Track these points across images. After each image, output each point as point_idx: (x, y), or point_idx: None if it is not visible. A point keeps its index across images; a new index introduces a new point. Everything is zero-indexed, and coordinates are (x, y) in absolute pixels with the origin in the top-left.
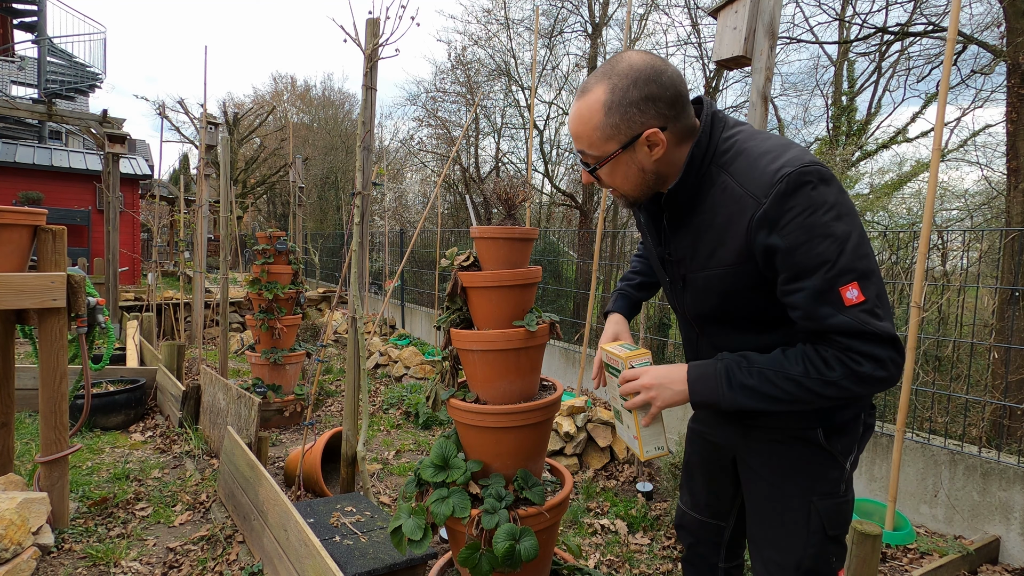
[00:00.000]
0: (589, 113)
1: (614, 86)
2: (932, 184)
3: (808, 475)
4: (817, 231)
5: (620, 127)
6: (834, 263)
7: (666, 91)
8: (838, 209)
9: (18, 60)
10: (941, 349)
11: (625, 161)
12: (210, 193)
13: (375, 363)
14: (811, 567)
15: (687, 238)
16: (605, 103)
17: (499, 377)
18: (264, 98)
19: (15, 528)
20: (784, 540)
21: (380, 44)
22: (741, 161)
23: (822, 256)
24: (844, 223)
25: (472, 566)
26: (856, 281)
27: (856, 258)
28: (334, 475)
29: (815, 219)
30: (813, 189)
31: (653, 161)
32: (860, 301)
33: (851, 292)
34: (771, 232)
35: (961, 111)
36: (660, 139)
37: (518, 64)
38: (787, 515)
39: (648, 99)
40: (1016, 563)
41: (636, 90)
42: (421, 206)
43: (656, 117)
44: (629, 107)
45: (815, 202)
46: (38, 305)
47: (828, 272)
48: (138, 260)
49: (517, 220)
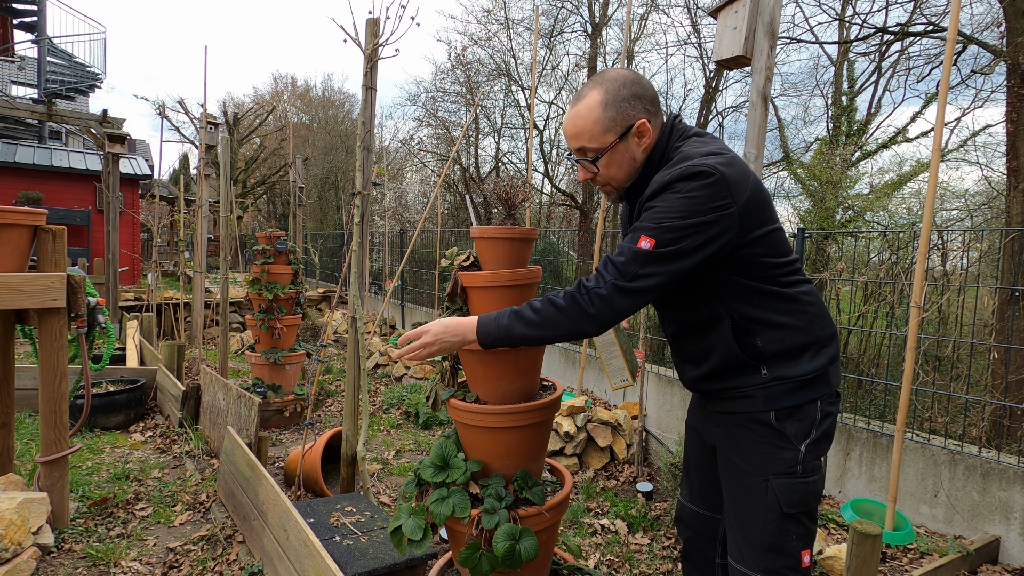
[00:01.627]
0: (588, 111)
1: (607, 88)
2: (932, 184)
3: (763, 455)
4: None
5: (616, 119)
6: (651, 219)
7: (647, 91)
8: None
9: (18, 60)
10: (941, 349)
11: (621, 150)
12: (210, 193)
13: (375, 363)
14: (772, 543)
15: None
16: (602, 101)
17: (499, 377)
18: (264, 98)
19: (15, 528)
20: (748, 517)
21: (380, 44)
22: (672, 162)
23: (653, 214)
24: (690, 209)
25: (472, 566)
26: (653, 239)
27: (672, 230)
28: (334, 475)
29: (674, 196)
30: (689, 181)
31: (641, 151)
32: (638, 249)
33: (644, 243)
34: (650, 199)
35: (961, 111)
36: (647, 129)
37: (518, 64)
38: (748, 493)
39: (636, 96)
40: (1016, 563)
41: (626, 89)
42: (421, 206)
43: (643, 111)
44: (622, 102)
45: (684, 188)
46: (38, 305)
47: (644, 223)
48: (138, 260)
49: (517, 220)
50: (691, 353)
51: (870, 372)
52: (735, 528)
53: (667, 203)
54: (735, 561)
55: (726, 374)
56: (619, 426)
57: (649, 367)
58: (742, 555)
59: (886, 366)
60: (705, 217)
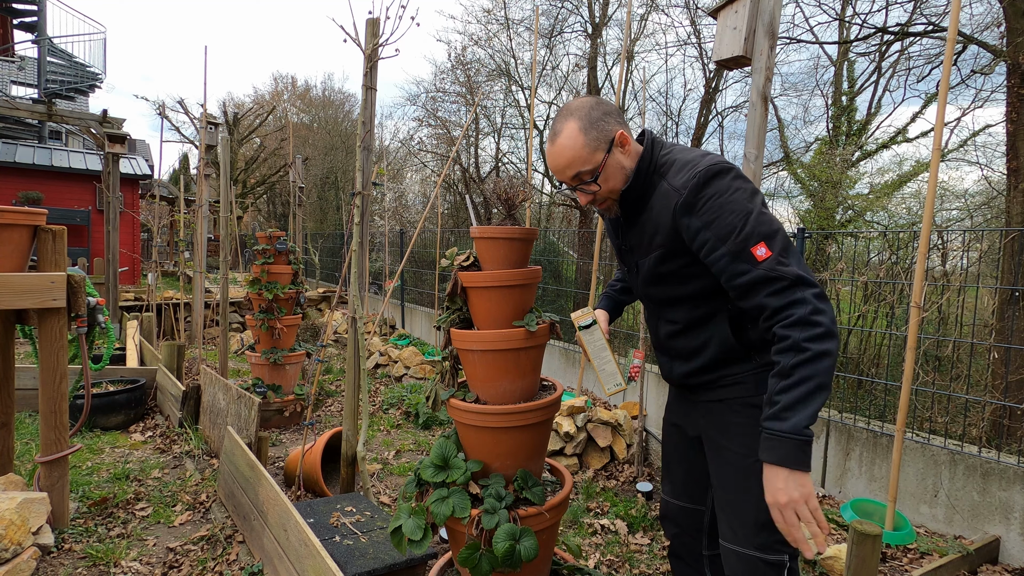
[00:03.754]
0: (572, 140)
1: (580, 115)
2: (932, 184)
3: (755, 436)
4: (725, 208)
5: (599, 137)
6: (741, 230)
7: (611, 107)
8: (740, 192)
9: (18, 60)
10: (941, 349)
11: (612, 164)
12: (210, 193)
13: (375, 363)
14: (766, 520)
15: (636, 231)
16: (581, 127)
17: (499, 377)
18: (264, 98)
19: (15, 528)
20: (741, 498)
21: (380, 44)
22: (673, 169)
23: (731, 226)
24: (746, 203)
25: (472, 566)
26: (763, 241)
27: (760, 224)
28: (334, 475)
29: (722, 200)
30: (719, 179)
31: (627, 156)
32: (767, 256)
33: (760, 250)
34: (691, 214)
35: (961, 111)
36: (626, 138)
37: (518, 64)
38: (741, 475)
39: (606, 113)
40: (1016, 563)
41: (596, 111)
42: (421, 206)
43: (616, 123)
44: (598, 122)
45: (720, 188)
46: (38, 305)
47: (737, 237)
48: (138, 260)
49: (517, 220)
50: (684, 349)
51: (870, 372)
52: (727, 510)
53: (723, 208)
54: (728, 541)
55: (718, 365)
56: (619, 426)
57: (649, 367)
58: (735, 535)
59: (886, 366)
60: (757, 197)
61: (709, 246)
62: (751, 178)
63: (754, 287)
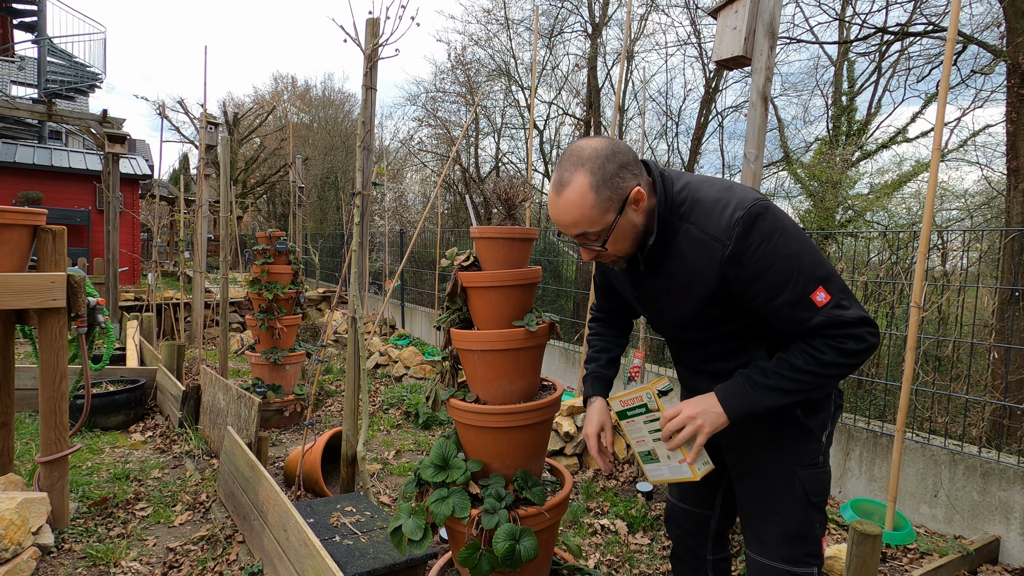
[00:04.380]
0: (580, 198)
1: (592, 168)
2: (932, 184)
3: (791, 448)
4: (776, 255)
5: (612, 197)
6: (797, 277)
7: (628, 156)
8: (785, 233)
9: (18, 60)
10: (941, 349)
11: (623, 224)
12: (210, 193)
13: (375, 363)
14: (799, 532)
15: (660, 280)
16: (592, 184)
17: (499, 377)
18: (264, 98)
19: (15, 528)
20: (773, 510)
21: (380, 44)
22: (698, 211)
23: (787, 274)
24: (794, 243)
25: (472, 566)
26: (820, 285)
27: (813, 267)
28: (334, 475)
29: (770, 247)
30: (762, 223)
31: (640, 214)
32: (828, 300)
33: (820, 295)
34: (740, 266)
35: (961, 111)
36: (642, 194)
37: (518, 64)
38: (774, 487)
39: (622, 166)
40: (1016, 563)
41: (611, 164)
42: (421, 206)
43: (632, 178)
44: (612, 178)
45: (766, 234)
46: (38, 305)
47: (795, 286)
48: (138, 260)
49: (517, 220)
50: (718, 371)
51: (870, 372)
52: (755, 520)
53: (774, 255)
54: (756, 553)
55: None
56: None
57: (649, 367)
58: (764, 546)
59: (886, 366)
60: (799, 232)
61: (764, 297)
62: (751, 178)
63: (816, 331)
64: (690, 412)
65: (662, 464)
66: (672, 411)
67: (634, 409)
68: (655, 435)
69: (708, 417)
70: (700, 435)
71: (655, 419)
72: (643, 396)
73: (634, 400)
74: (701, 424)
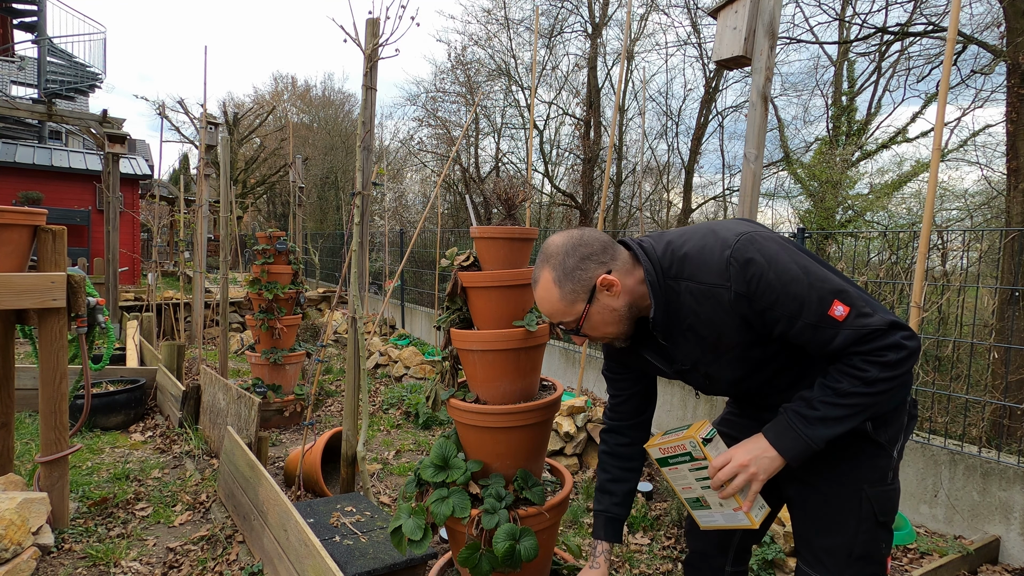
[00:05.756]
0: (548, 293)
1: (553, 264)
2: (932, 184)
3: (859, 465)
4: (779, 283)
5: (577, 289)
6: (809, 298)
7: (592, 246)
8: (779, 259)
9: (18, 60)
10: (941, 349)
11: (597, 311)
12: (210, 193)
13: (375, 363)
14: (863, 552)
15: (687, 344)
16: (555, 279)
17: (499, 377)
18: (264, 98)
19: (15, 528)
20: (837, 528)
21: (380, 44)
22: (689, 266)
23: (797, 298)
24: (793, 265)
25: (472, 566)
26: (835, 299)
27: (821, 283)
28: (334, 475)
29: (771, 276)
30: (754, 253)
31: (617, 298)
32: (848, 312)
33: (838, 309)
34: (750, 302)
35: (961, 111)
36: (611, 280)
37: (518, 64)
38: (838, 505)
39: (584, 258)
40: (1016, 563)
41: (571, 258)
42: (421, 206)
43: (598, 266)
44: (574, 271)
45: (761, 265)
46: (38, 305)
47: (810, 306)
48: (138, 260)
49: (517, 220)
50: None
51: None
52: (811, 538)
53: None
54: (812, 569)
55: None
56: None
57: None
58: (823, 565)
59: None
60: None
61: (783, 325)
62: (751, 178)
63: (846, 347)
64: (742, 460)
65: (714, 511)
66: (721, 459)
67: (676, 457)
68: (703, 483)
69: (761, 463)
70: (755, 483)
71: (702, 467)
72: (686, 445)
73: (676, 448)
74: (755, 472)
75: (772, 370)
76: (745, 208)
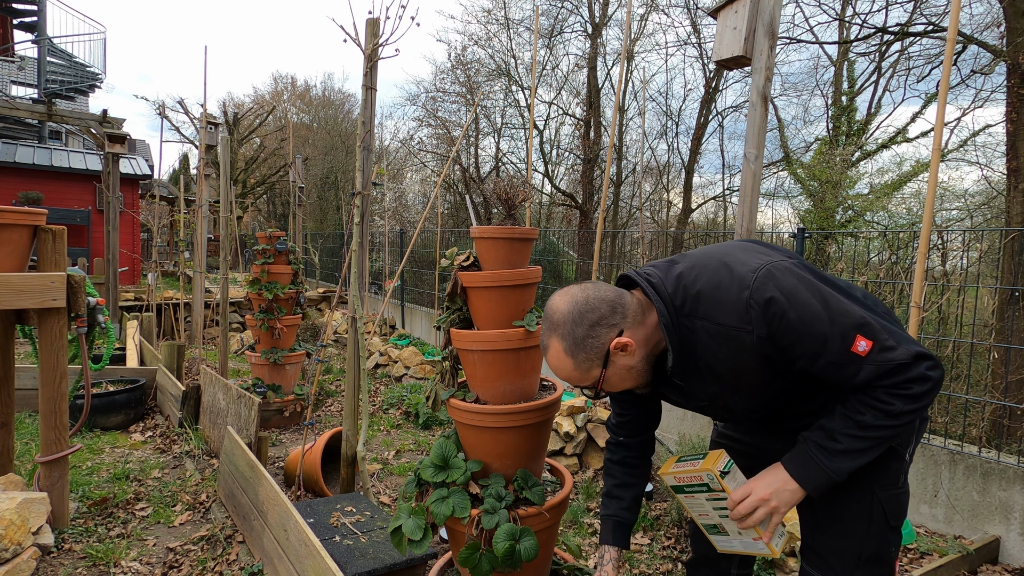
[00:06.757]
0: (560, 362)
1: (562, 335)
2: (932, 184)
3: (870, 468)
4: (801, 322)
5: (590, 356)
6: (831, 335)
7: (599, 310)
8: (799, 294)
9: (18, 60)
10: (941, 349)
11: (613, 372)
12: (210, 193)
13: (375, 363)
14: (872, 555)
15: (704, 383)
16: (566, 349)
17: (499, 377)
18: (264, 98)
19: (15, 528)
20: (844, 530)
21: (380, 44)
22: (704, 305)
23: (819, 336)
24: (814, 300)
25: (472, 566)
26: (859, 334)
27: (843, 316)
28: (334, 475)
29: (793, 316)
30: (773, 291)
31: (633, 355)
32: (872, 347)
33: (861, 344)
34: (773, 343)
35: (961, 111)
36: (624, 341)
37: (518, 64)
38: (849, 508)
39: (593, 325)
40: (1016, 563)
41: (580, 328)
42: (421, 206)
43: (609, 329)
44: (585, 340)
45: (783, 303)
46: (38, 305)
47: (833, 343)
48: (138, 260)
49: (517, 220)
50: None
51: None
52: (819, 539)
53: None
54: (821, 573)
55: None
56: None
57: None
58: (831, 567)
59: None
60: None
61: (805, 362)
62: (751, 178)
63: (869, 382)
64: (763, 494)
65: (732, 538)
66: (741, 493)
67: (692, 487)
68: (721, 512)
69: (783, 496)
70: (775, 515)
71: (720, 499)
72: (703, 476)
73: (692, 479)
74: (776, 505)
75: (796, 398)
76: (745, 208)
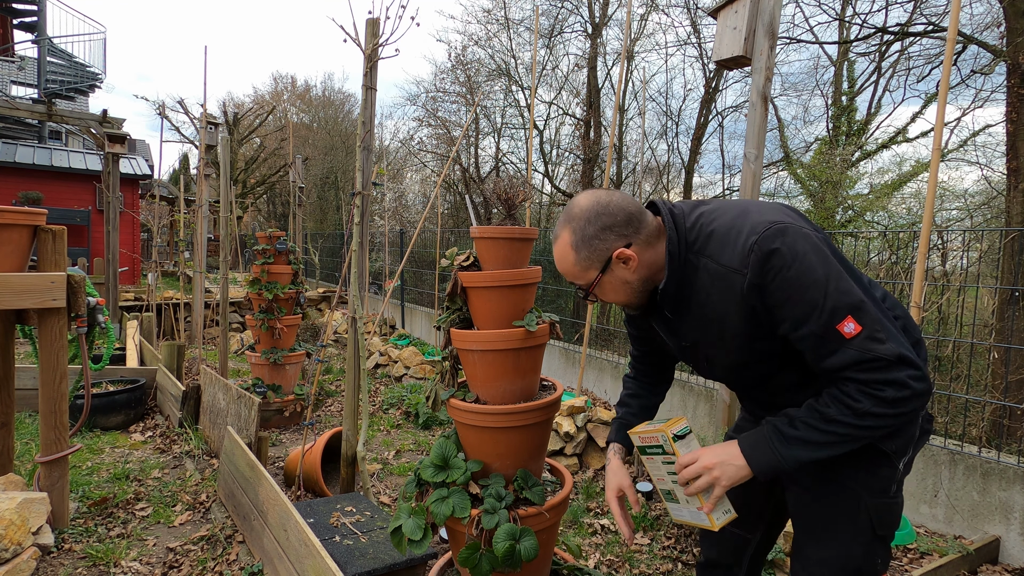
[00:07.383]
0: (564, 254)
1: (574, 228)
2: (932, 184)
3: (860, 473)
4: (798, 283)
5: (592, 256)
6: (823, 306)
7: (616, 217)
8: (806, 258)
9: (18, 60)
10: (941, 349)
11: (609, 280)
12: (210, 193)
13: (375, 363)
14: (857, 567)
15: (692, 323)
16: (573, 243)
17: (499, 377)
18: (264, 98)
19: (15, 528)
20: (832, 539)
21: (380, 44)
22: (713, 243)
23: (811, 303)
24: (819, 268)
25: (472, 566)
26: (850, 315)
27: (841, 294)
28: (334, 475)
29: (791, 274)
30: (780, 245)
31: (632, 271)
32: (858, 332)
33: (848, 326)
34: (762, 294)
35: (961, 111)
36: (628, 254)
37: (518, 64)
38: (834, 512)
39: (604, 228)
40: (1016, 563)
41: (592, 226)
42: (421, 206)
43: (617, 239)
44: (592, 240)
45: (786, 259)
46: (38, 305)
47: (821, 315)
48: (138, 260)
49: (517, 220)
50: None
51: None
52: (805, 547)
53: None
54: None
55: None
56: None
57: None
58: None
59: None
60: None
61: (788, 326)
62: (751, 178)
63: (844, 367)
64: (707, 462)
65: (682, 507)
66: (688, 458)
67: (652, 448)
68: (673, 477)
69: (727, 470)
70: (717, 487)
71: (672, 462)
72: (659, 437)
73: (651, 439)
74: (718, 476)
75: (775, 366)
76: None
